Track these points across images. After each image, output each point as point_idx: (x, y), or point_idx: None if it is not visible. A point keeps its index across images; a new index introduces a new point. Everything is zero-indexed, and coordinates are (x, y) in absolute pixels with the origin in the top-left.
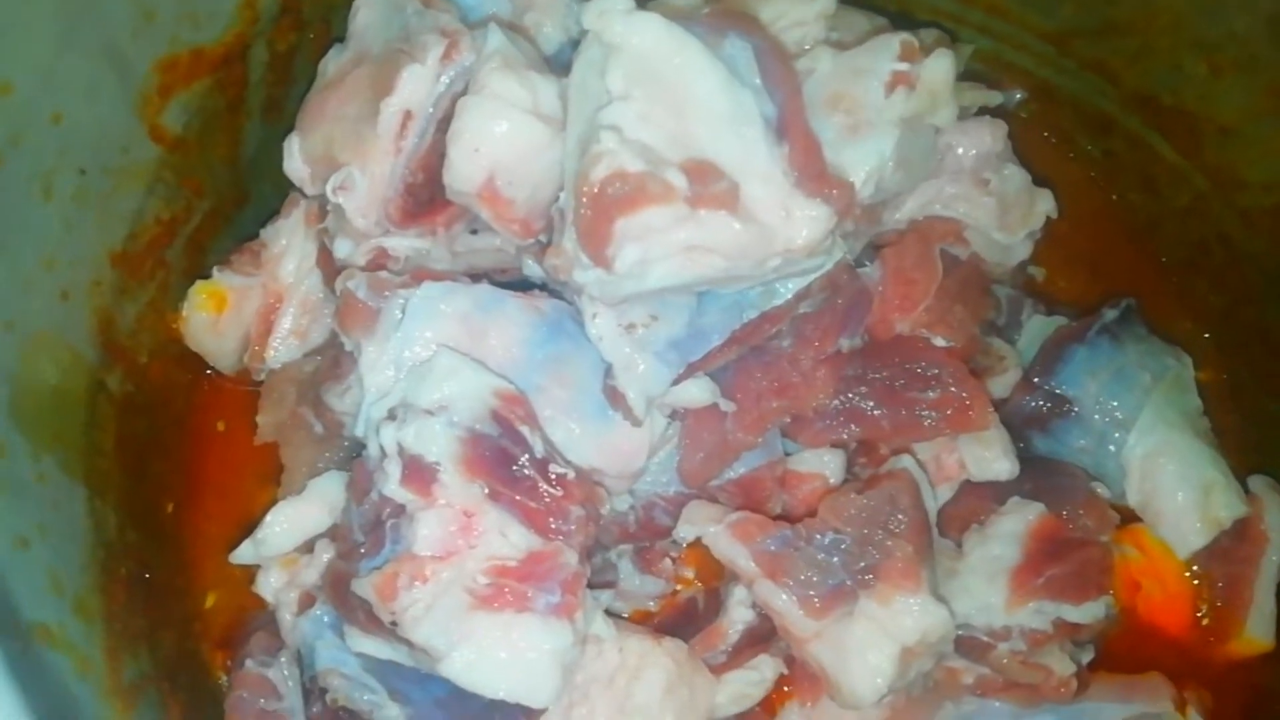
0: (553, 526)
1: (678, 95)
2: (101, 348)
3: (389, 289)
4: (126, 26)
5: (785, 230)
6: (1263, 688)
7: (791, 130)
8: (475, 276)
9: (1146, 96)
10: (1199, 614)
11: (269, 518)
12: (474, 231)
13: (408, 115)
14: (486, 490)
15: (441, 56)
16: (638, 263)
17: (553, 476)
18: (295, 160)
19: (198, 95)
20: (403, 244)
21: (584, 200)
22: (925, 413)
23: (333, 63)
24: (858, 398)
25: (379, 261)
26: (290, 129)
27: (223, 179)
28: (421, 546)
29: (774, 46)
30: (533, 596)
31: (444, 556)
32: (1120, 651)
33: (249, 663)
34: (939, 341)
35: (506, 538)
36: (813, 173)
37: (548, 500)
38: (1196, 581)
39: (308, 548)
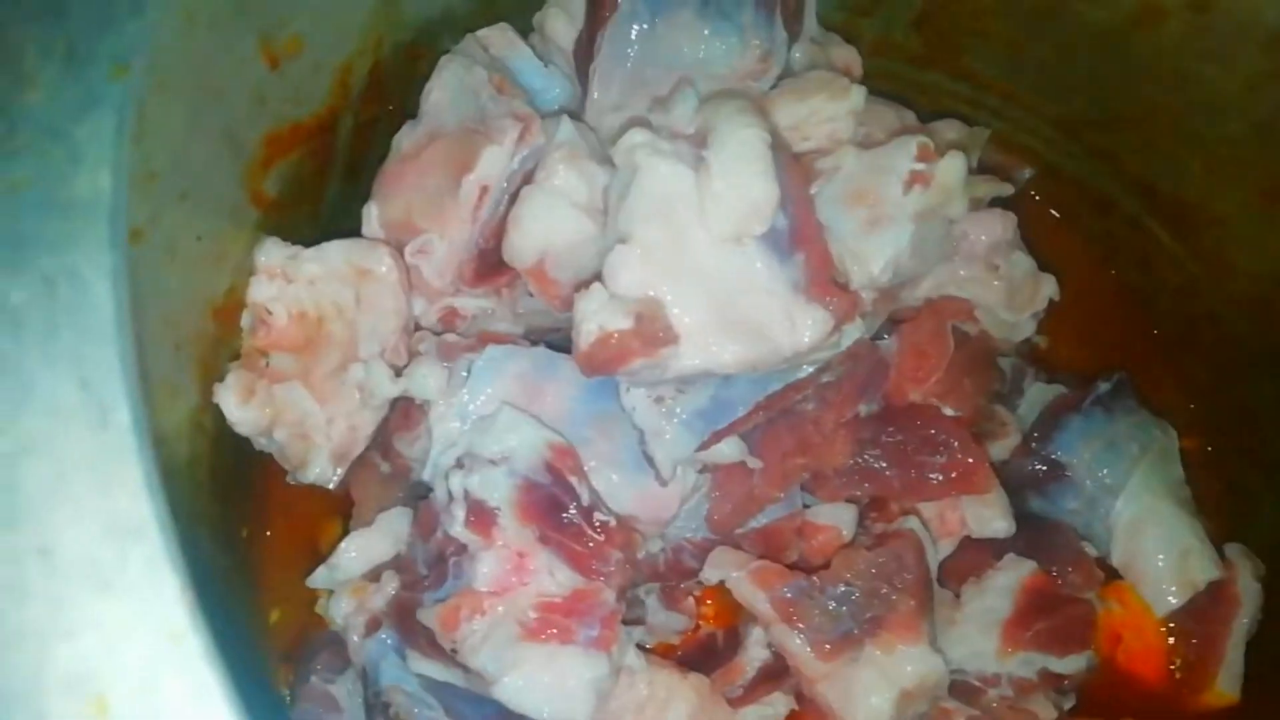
0: (595, 568)
1: (686, 222)
2: (201, 389)
3: (456, 351)
4: (243, 109)
5: (790, 337)
6: None
7: (804, 240)
8: (534, 337)
9: (1147, 184)
10: (1174, 667)
11: (343, 545)
12: (532, 294)
13: (484, 189)
14: (538, 534)
15: (517, 139)
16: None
17: (596, 524)
18: (374, 225)
19: (293, 163)
20: (471, 303)
21: (580, 357)
22: (933, 475)
23: (407, 138)
24: (872, 459)
25: (449, 319)
26: (365, 192)
27: (306, 235)
28: (481, 583)
29: (787, 157)
30: (575, 630)
31: (500, 592)
32: (1100, 698)
33: (314, 679)
34: (948, 411)
35: (554, 577)
36: (820, 280)
37: (591, 545)
38: (1173, 638)
39: (374, 577)
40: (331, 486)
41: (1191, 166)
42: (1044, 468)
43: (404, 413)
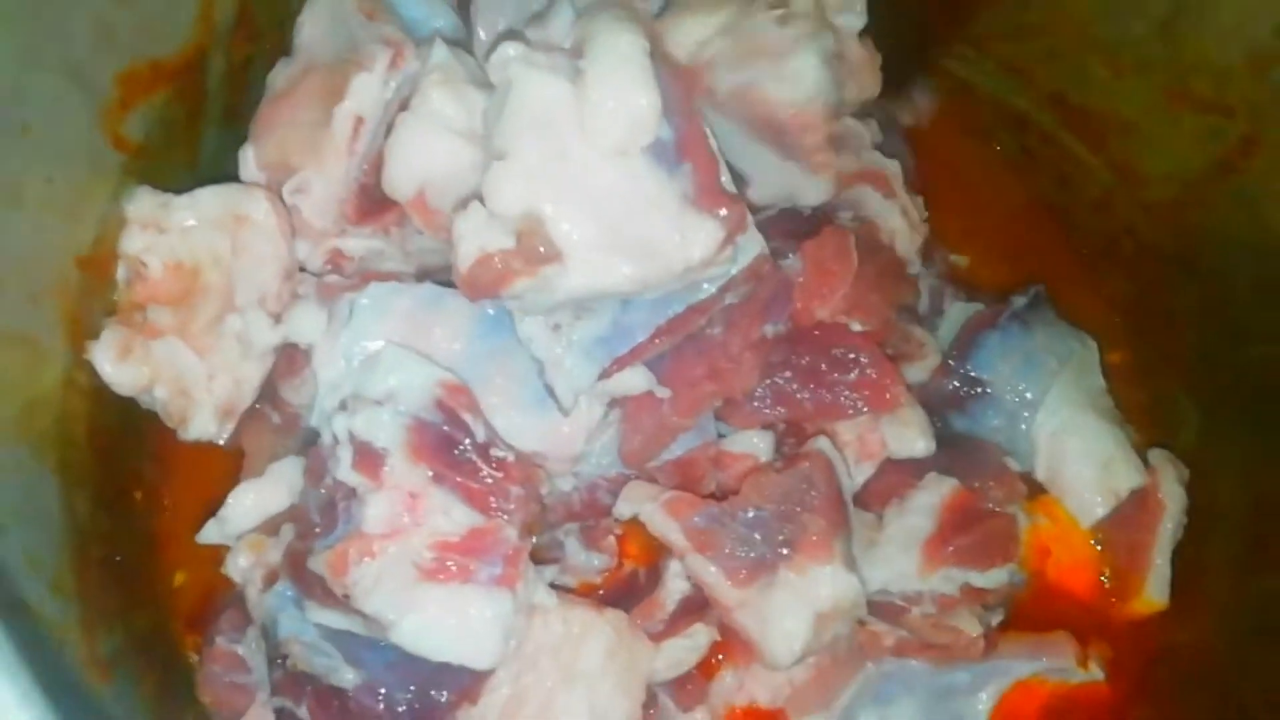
0: (494, 505)
1: (566, 136)
2: (70, 346)
3: (336, 291)
4: (87, 43)
5: (681, 251)
6: (1160, 643)
7: (689, 151)
8: (426, 277)
9: (1057, 95)
10: (1102, 577)
11: (231, 498)
12: (420, 232)
13: (359, 120)
14: (431, 473)
15: (388, 65)
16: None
17: (493, 459)
18: (250, 168)
19: (158, 105)
20: (358, 244)
21: (460, 280)
22: (845, 394)
23: (281, 74)
24: (783, 381)
25: (335, 261)
26: (246, 137)
27: (183, 182)
28: (370, 525)
29: (671, 67)
30: (475, 569)
31: (391, 534)
32: (1032, 613)
33: (219, 639)
34: (856, 327)
35: (449, 516)
36: (708, 190)
37: (489, 481)
38: (1100, 547)
39: (272, 530)
40: (221, 443)
41: (1098, 72)
42: (963, 386)
43: (288, 358)
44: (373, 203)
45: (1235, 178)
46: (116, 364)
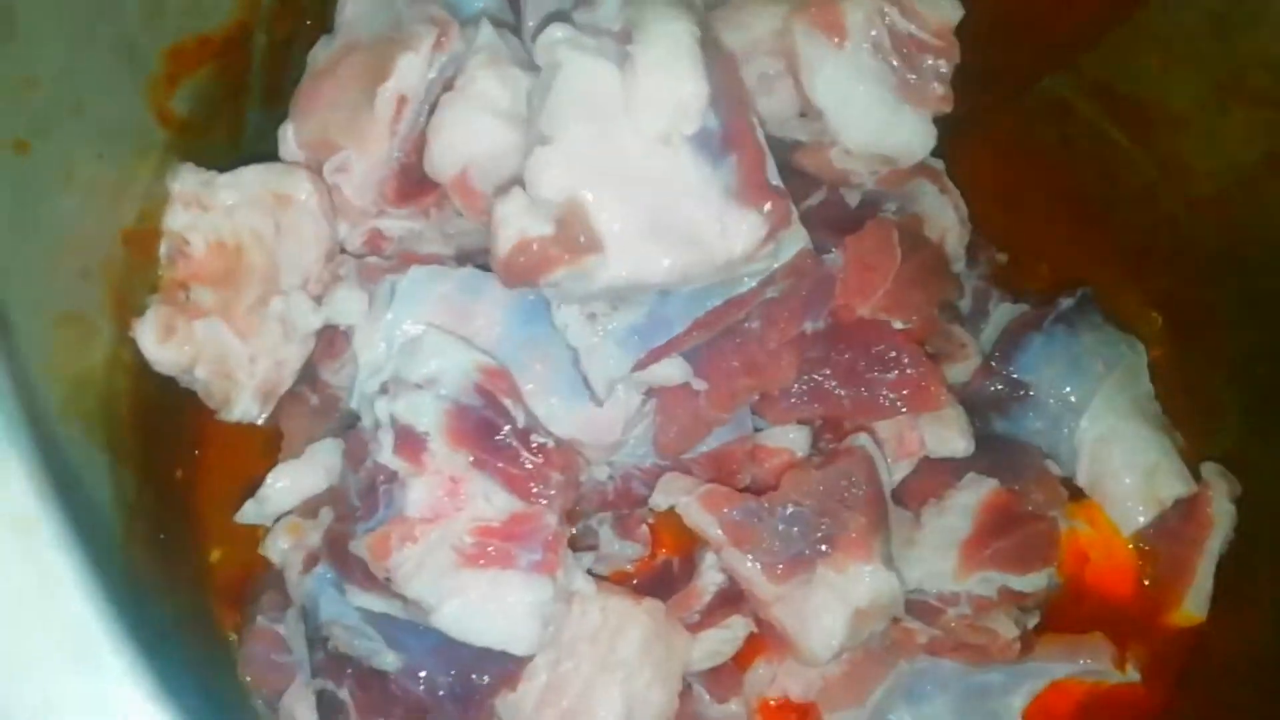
0: (534, 491)
1: (611, 122)
2: (116, 322)
3: (378, 274)
4: (137, 19)
5: (722, 243)
6: (1197, 647)
7: (736, 141)
8: (466, 259)
9: (1104, 84)
10: (1144, 583)
11: (269, 478)
12: (459, 213)
13: (402, 100)
14: (472, 459)
15: (433, 45)
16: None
17: (534, 445)
18: (290, 146)
19: (202, 81)
20: (397, 225)
21: (498, 266)
22: (884, 393)
23: (322, 53)
24: (821, 378)
25: (374, 242)
26: (286, 115)
27: (225, 160)
28: (412, 509)
29: (722, 56)
30: (516, 554)
31: (432, 519)
32: (1068, 616)
33: (260, 619)
34: (898, 324)
35: (490, 502)
36: (753, 184)
37: (529, 467)
38: (1142, 558)
39: (311, 513)
40: (259, 423)
41: (1148, 63)
42: (1006, 388)
43: (328, 340)
44: (413, 184)
45: None
46: (159, 344)
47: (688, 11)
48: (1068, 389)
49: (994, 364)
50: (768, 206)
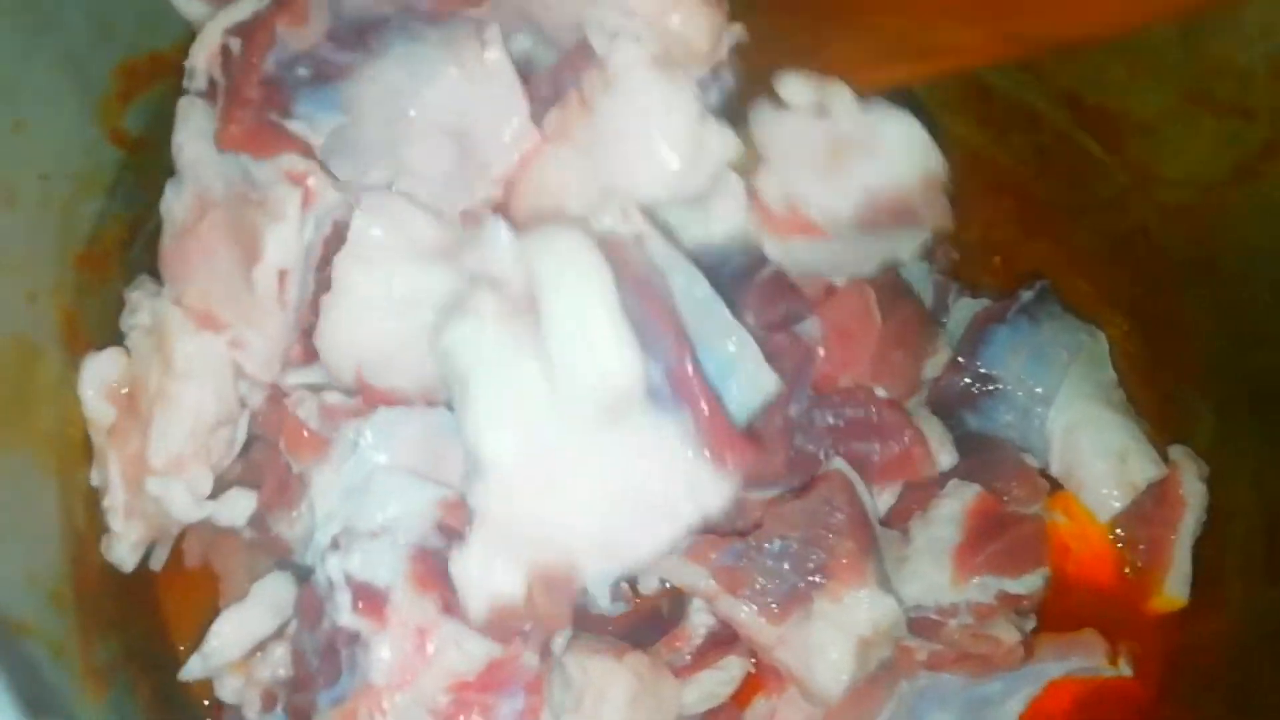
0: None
1: (544, 416)
2: (67, 346)
3: (340, 415)
4: (85, 37)
5: (693, 505)
6: (1182, 641)
7: (684, 389)
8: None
9: (1073, 94)
10: (1124, 571)
11: (214, 629)
12: None
13: (284, 273)
14: (440, 603)
15: (301, 206)
16: None
17: None
18: (176, 316)
19: (156, 99)
20: (306, 378)
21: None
22: (871, 460)
23: (176, 204)
24: (808, 442)
25: (277, 398)
26: None
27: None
28: (378, 676)
29: (642, 277)
30: (496, 706)
31: (401, 683)
32: (1055, 611)
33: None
34: (881, 392)
35: (463, 649)
36: (714, 433)
37: None
38: (1120, 544)
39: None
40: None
41: (1115, 73)
42: (975, 382)
43: (280, 485)
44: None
45: (1255, 182)
46: (98, 394)
47: (591, 248)
48: (1033, 380)
49: (961, 359)
50: (734, 456)
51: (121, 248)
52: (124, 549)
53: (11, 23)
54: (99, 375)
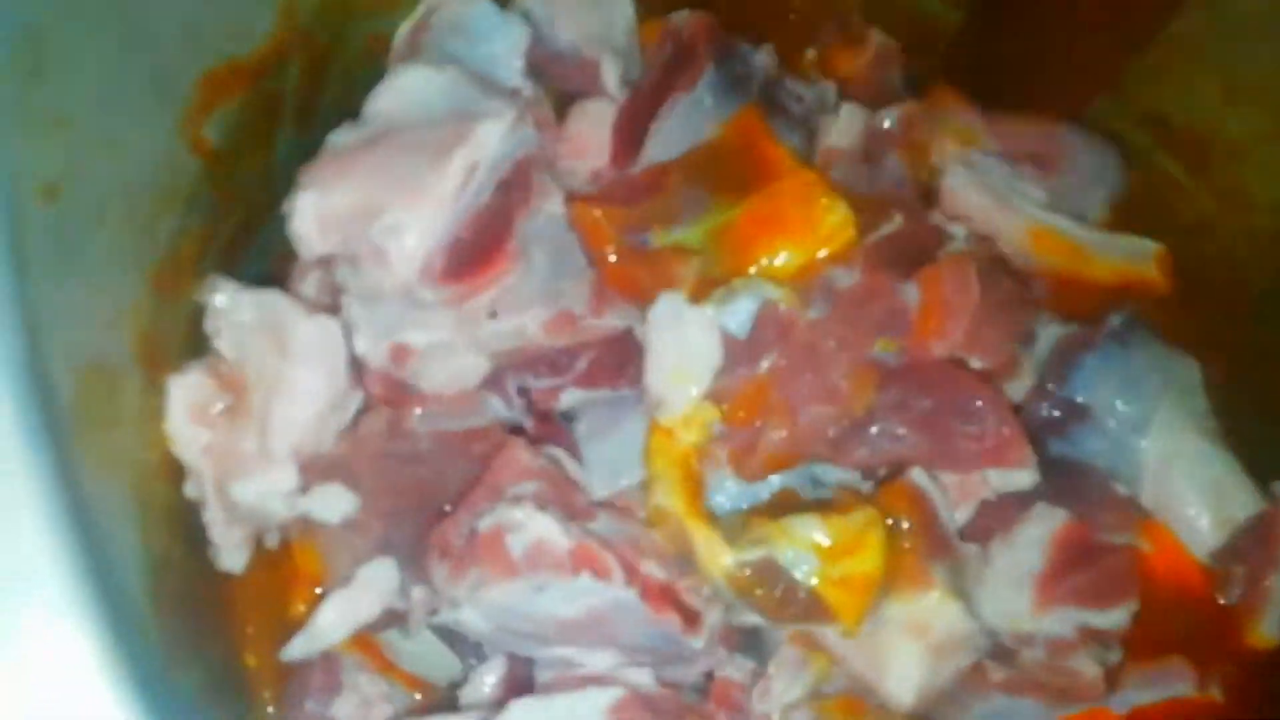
0: None
1: None
2: (144, 369)
3: None
4: (172, 47)
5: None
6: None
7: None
8: (501, 362)
9: (1158, 115)
10: (1220, 604)
11: (321, 611)
12: (493, 315)
13: (474, 167)
14: None
15: (515, 119)
16: None
17: None
18: (307, 220)
19: (234, 109)
20: (422, 337)
21: None
22: (964, 445)
23: (349, 136)
24: (899, 423)
25: (399, 357)
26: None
27: (254, 188)
28: None
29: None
30: None
31: None
32: (1142, 642)
33: (309, 704)
34: (975, 364)
35: None
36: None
37: None
38: (1214, 577)
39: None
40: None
41: (1208, 93)
42: (1063, 410)
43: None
44: (460, 263)
45: None
46: (185, 419)
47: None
48: (1126, 408)
49: (1049, 385)
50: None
51: (194, 262)
52: (230, 555)
53: (103, 36)
54: (184, 399)
